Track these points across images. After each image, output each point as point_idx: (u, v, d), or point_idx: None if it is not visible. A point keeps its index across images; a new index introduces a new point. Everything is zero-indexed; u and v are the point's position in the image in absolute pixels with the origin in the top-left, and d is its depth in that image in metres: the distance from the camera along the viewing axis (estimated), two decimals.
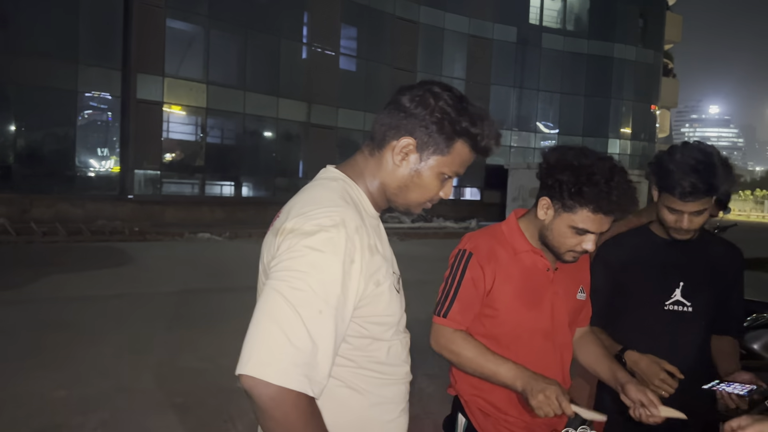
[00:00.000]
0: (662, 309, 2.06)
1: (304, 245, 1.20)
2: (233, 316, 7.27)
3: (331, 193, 1.32)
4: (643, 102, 34.36)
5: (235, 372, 1.14)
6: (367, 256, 1.27)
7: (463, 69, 29.07)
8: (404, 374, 1.46)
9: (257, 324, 1.16)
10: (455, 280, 1.82)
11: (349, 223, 1.25)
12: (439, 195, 1.43)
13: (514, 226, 1.91)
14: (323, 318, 1.16)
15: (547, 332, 1.86)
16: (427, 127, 1.33)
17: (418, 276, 9.39)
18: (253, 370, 1.11)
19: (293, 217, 1.27)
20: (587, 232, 1.73)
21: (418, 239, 18.47)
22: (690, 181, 1.88)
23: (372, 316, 1.32)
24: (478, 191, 29.63)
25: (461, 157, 1.38)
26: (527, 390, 1.59)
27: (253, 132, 21.93)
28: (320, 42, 23.22)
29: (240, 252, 13.25)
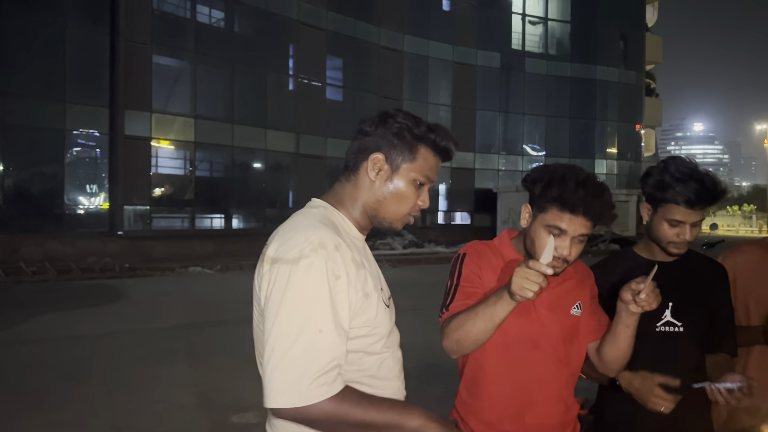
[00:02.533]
0: (654, 330, 2.06)
1: (290, 275, 1.30)
2: (226, 350, 7.25)
3: (309, 219, 1.43)
4: (628, 122, 34.80)
5: (265, 406, 1.28)
6: (353, 270, 1.37)
7: (448, 96, 29.41)
8: (397, 389, 1.51)
9: (270, 357, 1.28)
10: (454, 278, 1.86)
11: (327, 243, 1.34)
12: (418, 204, 1.53)
13: (505, 240, 1.97)
14: (325, 335, 1.29)
15: (537, 343, 1.86)
16: (390, 140, 1.47)
17: (411, 302, 9.37)
18: (277, 401, 1.25)
19: (276, 245, 1.37)
20: (561, 232, 1.74)
21: (410, 265, 18.45)
22: (694, 188, 1.91)
23: (362, 327, 1.40)
24: (468, 215, 29.75)
25: (428, 162, 1.50)
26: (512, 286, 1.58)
27: (242, 164, 21.99)
28: (306, 73, 23.46)
29: (231, 285, 13.18)
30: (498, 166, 31.39)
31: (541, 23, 32.42)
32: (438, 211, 29.21)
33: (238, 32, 22.04)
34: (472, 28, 29.49)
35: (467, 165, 29.43)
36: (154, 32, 18.81)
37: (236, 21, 21.90)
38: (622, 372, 1.95)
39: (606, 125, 33.93)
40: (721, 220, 51.76)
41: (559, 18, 32.81)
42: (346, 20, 24.44)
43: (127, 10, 18.09)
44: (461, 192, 29.39)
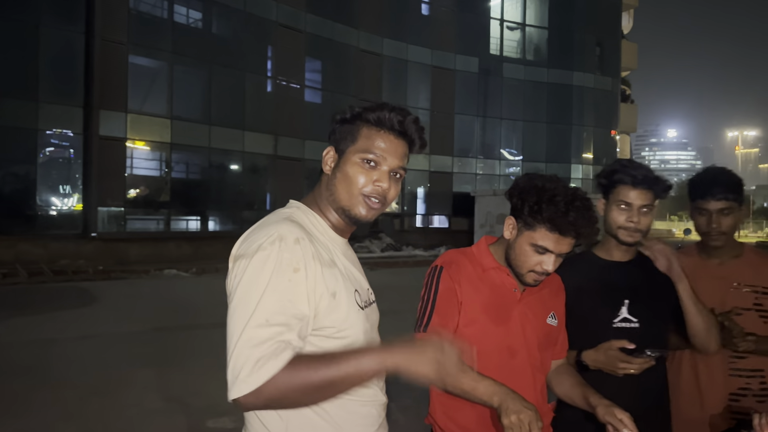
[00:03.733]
0: (611, 327, 2.13)
1: (247, 268, 1.31)
2: (202, 353, 7.16)
3: (276, 216, 1.45)
4: (603, 128, 35.23)
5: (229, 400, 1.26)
6: (316, 266, 1.36)
7: (427, 99, 29.50)
8: (374, 395, 1.49)
9: (227, 353, 1.27)
10: (430, 294, 1.86)
11: (287, 236, 1.35)
12: (375, 185, 1.46)
13: (483, 247, 1.98)
14: (272, 326, 1.26)
15: (515, 350, 1.89)
16: (335, 130, 1.53)
17: (389, 305, 9.36)
18: (232, 393, 1.23)
19: (240, 242, 1.40)
20: (546, 251, 1.79)
21: (388, 268, 18.46)
22: (642, 171, 2.07)
23: (330, 327, 1.38)
24: (446, 219, 29.85)
25: (371, 139, 1.48)
26: (502, 407, 1.58)
27: (219, 166, 21.80)
28: (285, 75, 23.35)
29: (207, 287, 13.04)
30: (476, 170, 31.55)
31: (519, 29, 32.69)
32: (416, 214, 29.26)
33: (216, 33, 21.87)
34: (450, 33, 29.62)
35: (445, 169, 29.54)
36: (130, 32, 18.57)
37: (214, 21, 21.74)
38: (585, 352, 2.05)
39: (582, 130, 34.31)
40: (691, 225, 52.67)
41: (536, 24, 33.12)
42: (325, 23, 24.38)
43: (102, 9, 17.85)
44: (439, 195, 29.48)
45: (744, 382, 2.28)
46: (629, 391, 2.02)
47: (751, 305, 2.30)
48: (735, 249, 2.40)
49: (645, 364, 1.94)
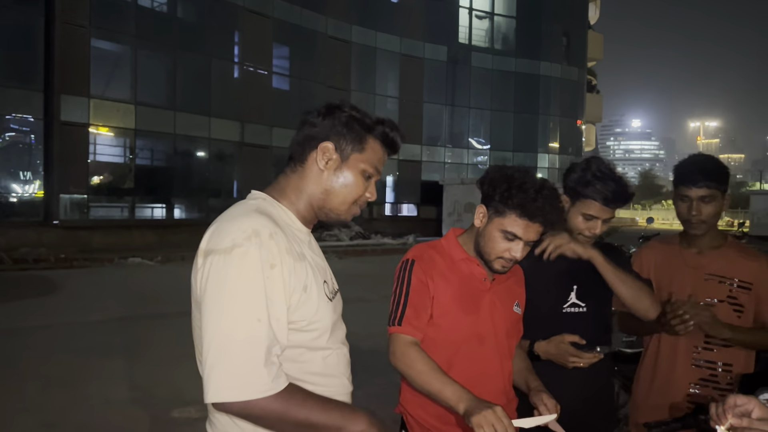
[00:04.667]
0: (561, 312, 2.22)
1: (223, 265, 1.28)
2: (166, 343, 7.08)
3: (243, 209, 1.41)
4: (569, 117, 35.68)
5: (205, 401, 1.26)
6: (289, 261, 1.35)
7: (396, 87, 29.46)
8: (343, 386, 1.50)
9: (208, 351, 1.25)
10: (403, 287, 1.89)
11: (261, 231, 1.32)
12: (366, 196, 1.52)
13: (452, 239, 2.03)
14: (263, 324, 1.27)
15: (485, 338, 1.94)
16: (339, 130, 1.47)
17: (357, 293, 9.38)
18: (218, 396, 1.23)
19: (210, 236, 1.35)
20: (515, 238, 1.84)
21: (356, 257, 18.46)
22: (612, 188, 2.09)
23: (301, 320, 1.38)
24: (415, 207, 29.96)
25: (376, 154, 1.51)
26: (469, 411, 1.59)
27: (184, 153, 21.46)
28: (252, 61, 23.05)
29: (173, 276, 12.87)
30: (444, 159, 31.70)
31: (488, 18, 32.82)
32: (385, 202, 29.29)
33: (182, 17, 21.44)
34: (419, 21, 29.58)
35: (414, 157, 29.60)
36: (92, 14, 18.07)
37: (179, 5, 21.30)
38: (537, 343, 2.12)
39: (549, 120, 34.69)
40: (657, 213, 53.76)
41: (505, 13, 33.28)
42: (293, 8, 24.09)
43: None
44: (408, 184, 29.55)
45: (707, 373, 2.31)
46: (575, 380, 2.10)
47: (724, 297, 2.31)
48: (716, 240, 2.38)
49: (593, 358, 2.02)
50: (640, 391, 2.50)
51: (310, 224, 1.54)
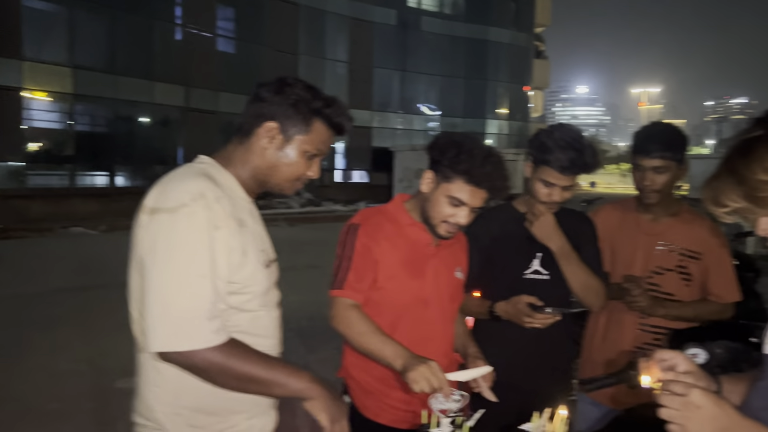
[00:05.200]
0: (522, 278, 2.24)
1: (170, 223, 1.34)
2: (111, 313, 6.87)
3: (190, 171, 1.46)
4: (517, 83, 35.97)
5: (149, 350, 1.33)
6: (233, 225, 1.41)
7: (345, 52, 29.02)
8: (271, 346, 1.56)
9: (154, 304, 1.32)
10: (346, 251, 1.91)
11: (207, 194, 1.38)
12: (308, 174, 1.58)
13: (399, 204, 2.04)
14: (207, 280, 1.34)
15: (429, 302, 1.97)
16: (286, 110, 1.50)
17: (308, 260, 9.32)
18: (163, 345, 1.31)
19: (155, 195, 1.39)
20: (461, 204, 1.86)
21: (307, 224, 18.36)
22: (570, 156, 2.06)
23: (236, 284, 1.44)
24: (366, 174, 29.87)
25: (320, 136, 1.55)
26: (406, 367, 1.63)
27: (126, 118, 20.69)
28: (195, 23, 22.23)
29: (117, 246, 12.40)
30: (395, 125, 31.59)
31: None
32: (335, 169, 29.10)
33: None
34: None
35: (364, 123, 29.38)
36: None
37: None
38: (497, 303, 2.16)
39: (497, 86, 34.89)
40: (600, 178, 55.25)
41: None
42: None
43: None
44: (359, 150, 29.37)
45: (651, 338, 2.37)
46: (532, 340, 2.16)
47: (674, 266, 2.36)
48: (671, 207, 2.41)
49: (547, 319, 2.05)
50: (587, 351, 2.57)
51: (254, 194, 1.59)
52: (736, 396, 1.36)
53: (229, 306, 1.43)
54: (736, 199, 1.11)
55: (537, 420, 1.56)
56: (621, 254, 2.45)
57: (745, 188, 1.09)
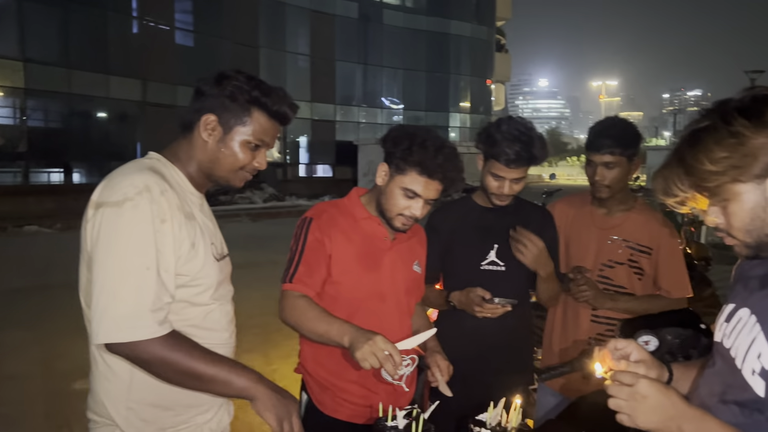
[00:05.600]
0: (479, 269, 2.25)
1: (115, 217, 1.34)
2: (67, 314, 6.67)
3: (137, 166, 1.46)
4: (479, 77, 36.26)
5: (94, 342, 1.34)
6: (180, 217, 1.42)
7: (307, 45, 28.81)
8: (223, 340, 1.57)
9: (99, 296, 1.32)
10: (299, 245, 1.88)
11: (153, 187, 1.38)
12: (254, 165, 1.57)
13: (354, 198, 2.03)
14: (152, 273, 1.35)
15: (385, 296, 1.96)
16: (223, 102, 1.50)
17: (270, 256, 9.23)
18: (108, 336, 1.31)
19: (101, 189, 1.40)
20: (415, 195, 1.86)
21: (270, 219, 18.21)
22: (515, 149, 2.06)
23: (185, 276, 1.44)
24: (330, 168, 29.78)
25: (261, 126, 1.53)
26: (353, 344, 1.61)
27: (82, 113, 20.21)
28: (152, 15, 21.81)
29: (74, 245, 12.04)
30: (358, 119, 31.55)
31: None
32: (299, 163, 28.92)
33: None
34: None
35: (328, 117, 29.27)
36: None
37: None
38: (452, 293, 2.19)
39: (459, 79, 35.12)
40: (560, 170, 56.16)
41: None
42: None
43: None
44: (322, 144, 29.24)
45: (604, 329, 2.41)
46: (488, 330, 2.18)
47: (625, 260, 2.40)
48: (625, 202, 2.44)
49: (498, 310, 2.07)
50: (547, 341, 2.62)
51: (203, 188, 1.59)
52: (687, 383, 1.38)
53: (179, 299, 1.44)
54: (684, 189, 1.14)
55: (493, 410, 1.57)
56: (574, 247, 2.49)
57: (693, 178, 1.11)
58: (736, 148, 1.05)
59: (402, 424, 1.52)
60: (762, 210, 1.08)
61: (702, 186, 1.11)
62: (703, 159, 1.08)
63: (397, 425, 1.51)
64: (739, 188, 1.08)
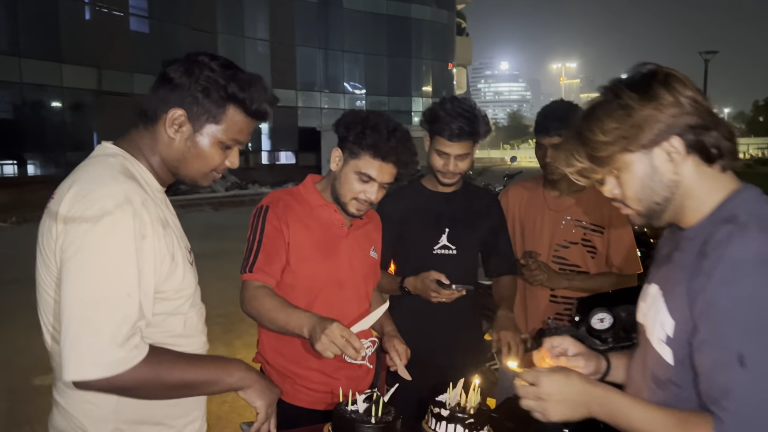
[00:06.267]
0: (431, 253, 2.30)
1: (92, 234, 1.18)
2: (25, 309, 6.50)
3: (109, 170, 1.28)
4: (441, 61, 36.27)
5: (65, 379, 1.17)
6: (159, 230, 1.28)
7: (266, 30, 28.38)
8: (201, 344, 1.49)
9: (70, 325, 1.16)
10: (256, 234, 1.87)
11: (134, 198, 1.23)
12: (225, 164, 1.42)
13: (309, 185, 2.02)
14: (132, 299, 1.20)
15: (343, 283, 1.98)
16: (194, 96, 1.32)
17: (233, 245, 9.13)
18: (80, 374, 1.15)
19: (71, 200, 1.22)
20: (370, 179, 1.87)
21: (233, 207, 18.00)
22: (458, 124, 2.12)
23: (168, 291, 1.33)
24: (293, 155, 29.53)
25: (237, 124, 1.37)
26: (312, 335, 1.61)
27: (34, 103, 19.57)
28: (105, 1, 21.17)
29: (31, 238, 11.62)
30: (321, 104, 31.29)
31: None
32: (262, 150, 28.59)
33: None
34: None
35: (289, 103, 28.93)
36: None
37: None
38: (406, 279, 2.21)
39: (421, 63, 35.07)
40: (522, 153, 56.70)
41: None
42: None
43: None
44: (284, 131, 28.93)
45: (562, 308, 2.48)
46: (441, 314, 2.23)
47: (579, 240, 2.47)
48: (576, 184, 2.51)
49: (453, 295, 2.11)
50: None
51: (166, 183, 1.44)
52: (623, 370, 1.43)
53: (159, 312, 1.33)
54: (581, 160, 1.21)
55: (452, 391, 1.60)
56: (528, 229, 2.56)
57: (587, 149, 1.18)
58: (625, 119, 1.13)
59: (362, 407, 1.54)
60: (650, 179, 1.16)
61: (595, 156, 1.18)
62: (596, 130, 1.15)
63: (357, 409, 1.53)
64: (629, 158, 1.16)
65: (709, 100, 1.14)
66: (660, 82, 1.13)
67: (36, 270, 1.34)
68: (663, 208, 1.18)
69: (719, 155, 1.13)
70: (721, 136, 1.13)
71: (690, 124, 1.11)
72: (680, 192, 1.16)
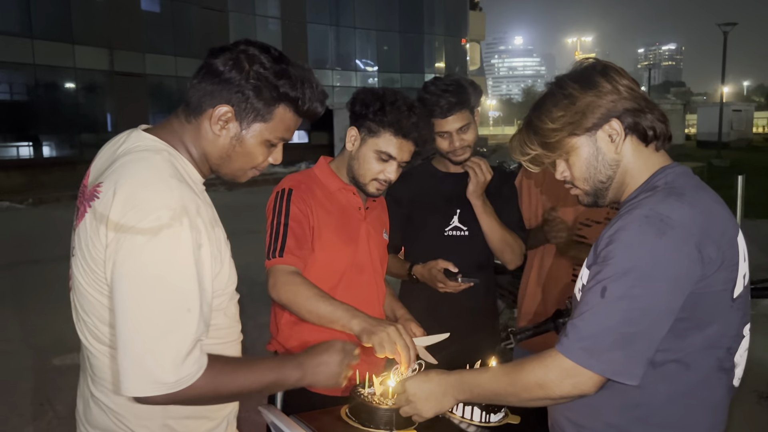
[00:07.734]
0: (443, 235, 2.26)
1: (149, 249, 1.12)
2: (44, 290, 6.67)
3: (157, 171, 1.20)
4: (454, 36, 35.87)
5: (123, 394, 1.14)
6: (212, 234, 1.24)
7: (277, 7, 28.19)
8: (238, 334, 1.46)
9: (129, 341, 1.13)
10: (281, 218, 1.80)
11: (189, 207, 1.17)
12: (268, 161, 1.37)
13: (325, 167, 1.97)
14: (193, 314, 1.16)
15: (363, 267, 1.95)
16: (243, 93, 1.25)
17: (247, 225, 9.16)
18: (145, 391, 1.13)
19: (122, 205, 1.14)
20: (390, 158, 1.83)
21: (246, 188, 17.96)
22: (445, 99, 2.09)
23: (216, 290, 1.29)
24: (306, 134, 29.45)
25: (285, 123, 1.32)
26: (365, 330, 1.57)
27: (48, 85, 19.65)
28: None
29: (47, 219, 12.01)
30: (333, 82, 31.13)
31: None
32: None
33: None
34: None
35: None
36: None
37: None
38: (414, 267, 2.18)
39: (434, 39, 34.71)
40: None
41: None
42: None
43: None
44: None
45: None
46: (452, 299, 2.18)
47: (602, 219, 2.42)
48: None
49: (459, 286, 2.09)
50: (526, 304, 2.61)
51: (206, 177, 1.38)
52: None
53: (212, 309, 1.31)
54: (534, 147, 1.33)
55: None
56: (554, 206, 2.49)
57: (539, 137, 1.31)
58: (569, 107, 1.26)
59: (379, 390, 1.53)
60: (595, 159, 1.29)
61: (546, 143, 1.30)
62: (545, 119, 1.29)
63: (374, 392, 1.53)
64: (576, 141, 1.29)
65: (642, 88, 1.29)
66: (599, 72, 1.27)
67: (73, 266, 1.27)
68: (606, 186, 1.31)
69: (654, 136, 1.27)
70: (655, 119, 1.26)
71: (627, 108, 1.25)
72: (621, 170, 1.29)
